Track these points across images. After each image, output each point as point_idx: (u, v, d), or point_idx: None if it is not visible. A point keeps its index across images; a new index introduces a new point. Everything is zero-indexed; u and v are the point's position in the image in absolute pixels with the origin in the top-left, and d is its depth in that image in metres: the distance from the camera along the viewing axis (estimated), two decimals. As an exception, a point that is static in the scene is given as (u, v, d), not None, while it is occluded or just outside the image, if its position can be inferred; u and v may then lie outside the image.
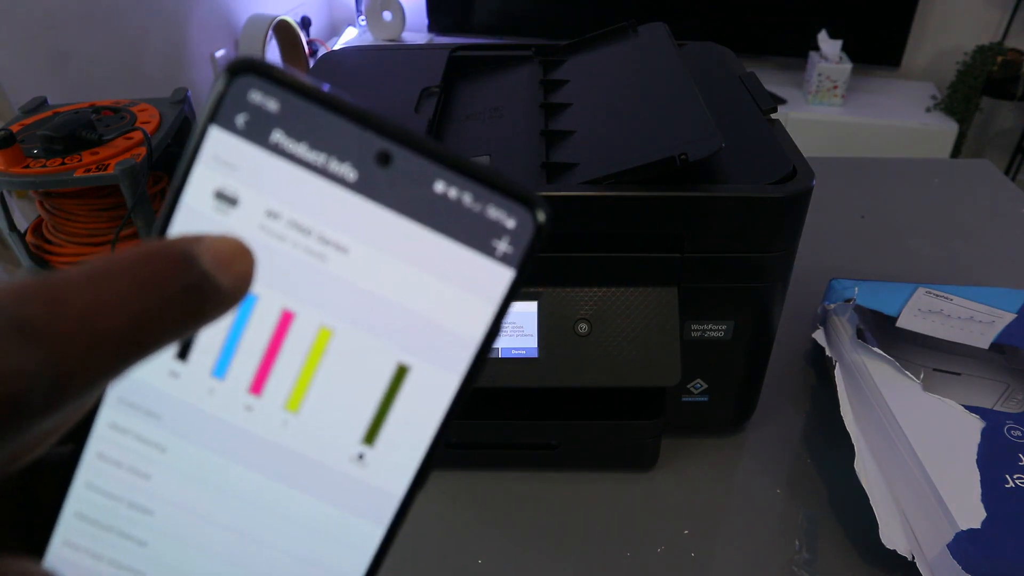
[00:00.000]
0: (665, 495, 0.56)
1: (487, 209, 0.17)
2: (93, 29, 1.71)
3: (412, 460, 0.19)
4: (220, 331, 0.18)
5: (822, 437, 0.60)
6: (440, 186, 0.17)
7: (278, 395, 0.18)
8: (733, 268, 0.49)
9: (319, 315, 0.18)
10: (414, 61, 0.66)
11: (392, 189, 0.17)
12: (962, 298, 0.62)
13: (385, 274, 0.18)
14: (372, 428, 0.19)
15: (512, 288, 0.18)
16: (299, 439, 0.19)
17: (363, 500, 0.19)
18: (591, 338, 0.50)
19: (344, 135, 0.17)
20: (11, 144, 0.70)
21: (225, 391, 0.18)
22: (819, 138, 2.35)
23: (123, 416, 0.18)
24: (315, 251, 0.17)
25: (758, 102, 0.57)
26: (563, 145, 0.53)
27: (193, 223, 0.17)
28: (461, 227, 0.17)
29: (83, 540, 0.19)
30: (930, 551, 0.47)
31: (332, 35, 2.86)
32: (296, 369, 0.18)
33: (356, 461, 0.19)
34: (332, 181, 0.17)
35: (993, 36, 2.41)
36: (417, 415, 0.19)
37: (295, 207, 0.17)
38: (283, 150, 0.17)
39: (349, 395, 0.18)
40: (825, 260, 0.79)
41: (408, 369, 0.18)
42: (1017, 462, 0.50)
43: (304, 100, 0.17)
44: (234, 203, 0.17)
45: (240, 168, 0.17)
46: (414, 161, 0.17)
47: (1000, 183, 0.97)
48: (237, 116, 0.17)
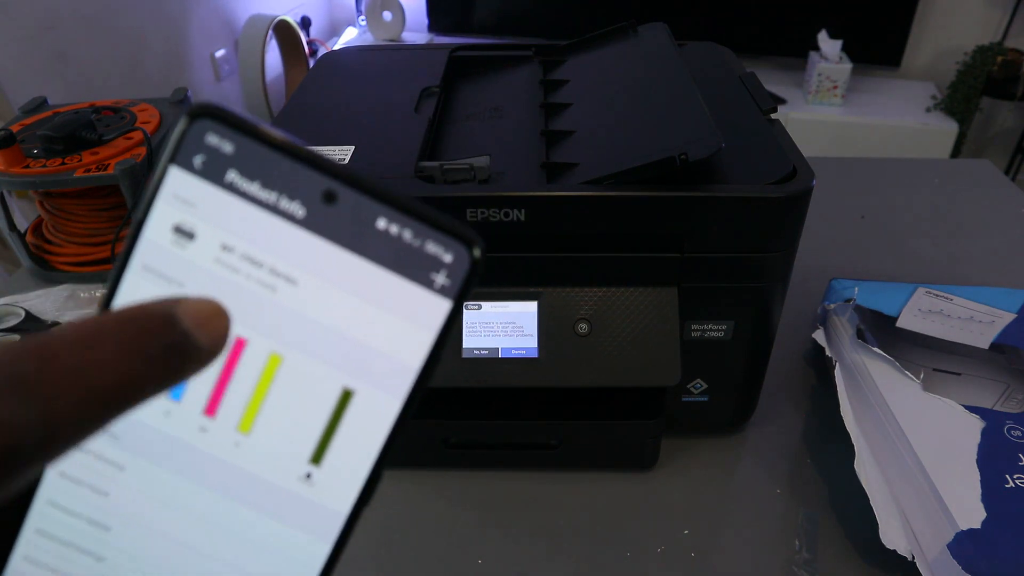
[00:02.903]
0: (665, 495, 0.56)
1: (426, 244, 0.19)
2: (93, 29, 1.71)
3: (357, 479, 0.20)
4: None
5: (822, 437, 0.60)
6: (382, 223, 0.19)
7: (231, 417, 0.19)
8: (733, 268, 0.49)
9: (269, 343, 0.19)
10: (414, 61, 0.66)
11: (337, 225, 0.18)
12: (962, 298, 0.62)
13: (331, 305, 0.19)
14: (319, 449, 0.20)
15: (449, 318, 0.19)
16: (250, 459, 0.20)
17: (310, 518, 0.20)
18: (591, 338, 0.50)
19: (293, 175, 0.18)
20: (11, 144, 0.70)
21: (181, 413, 0.19)
22: (819, 138, 2.35)
23: None
24: (266, 283, 0.19)
25: (758, 102, 0.57)
26: (563, 145, 0.53)
27: (153, 256, 0.19)
28: (401, 261, 0.19)
29: (43, 556, 0.20)
30: (930, 551, 0.47)
31: (332, 35, 2.86)
32: (248, 393, 0.19)
33: (304, 480, 0.20)
34: (282, 218, 0.18)
35: (993, 36, 2.42)
36: (361, 437, 0.20)
37: (248, 242, 0.19)
38: (237, 189, 0.18)
39: (297, 417, 0.19)
40: (825, 260, 0.79)
41: (352, 393, 0.19)
42: (1017, 462, 0.50)
43: (257, 143, 0.18)
44: (191, 237, 0.18)
45: (197, 205, 0.18)
46: (358, 200, 0.18)
47: (1000, 183, 0.97)
48: (195, 157, 0.18)
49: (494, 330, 0.51)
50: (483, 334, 0.51)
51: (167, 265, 0.19)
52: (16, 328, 0.66)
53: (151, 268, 0.19)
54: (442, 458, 0.57)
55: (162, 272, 0.19)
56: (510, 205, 0.46)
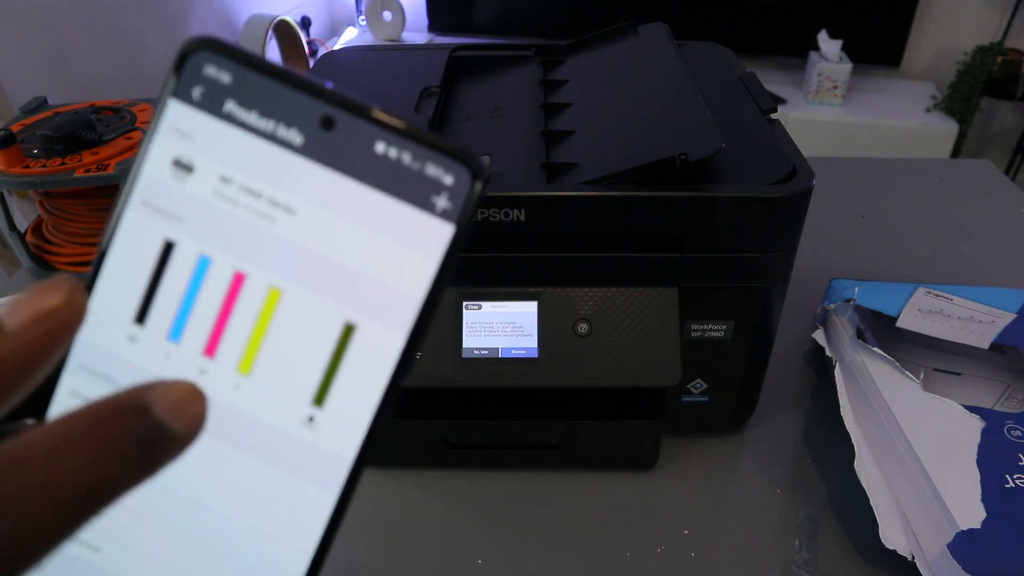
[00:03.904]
0: (665, 495, 0.56)
1: (426, 167, 0.18)
2: (93, 29, 1.71)
3: (361, 422, 0.19)
4: (176, 294, 0.19)
5: (822, 437, 0.60)
6: (380, 147, 0.18)
7: (231, 357, 0.19)
8: (733, 268, 0.49)
9: (269, 276, 0.19)
10: (414, 61, 0.66)
11: (335, 151, 0.18)
12: (962, 298, 0.62)
13: (331, 234, 0.18)
14: (321, 389, 0.19)
15: (453, 243, 0.18)
16: (251, 402, 0.19)
17: (314, 464, 0.19)
18: (591, 338, 0.50)
19: (291, 103, 0.18)
20: (11, 144, 0.69)
21: (180, 354, 0.19)
22: (819, 138, 2.35)
23: (83, 383, 0.19)
24: (265, 214, 0.18)
25: (758, 102, 0.57)
26: (563, 145, 0.53)
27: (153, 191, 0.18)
28: (402, 185, 0.18)
29: None
30: (930, 551, 0.47)
31: (332, 35, 2.86)
32: (248, 330, 0.19)
33: (306, 424, 0.19)
34: (280, 146, 0.18)
35: (993, 36, 2.41)
36: (365, 374, 0.19)
37: (247, 172, 0.18)
38: (235, 119, 0.18)
39: (298, 355, 0.19)
40: (825, 260, 0.79)
41: (355, 327, 0.19)
42: (1017, 462, 0.50)
43: (254, 72, 0.18)
44: (190, 170, 0.18)
45: (196, 137, 0.18)
46: (355, 124, 0.18)
47: (1000, 183, 0.97)
48: (193, 89, 0.18)
49: (494, 330, 0.51)
50: (483, 334, 0.51)
51: (166, 199, 0.18)
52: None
53: (150, 203, 0.19)
54: (442, 458, 0.56)
55: (161, 207, 0.19)
56: (510, 205, 0.46)
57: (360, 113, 0.18)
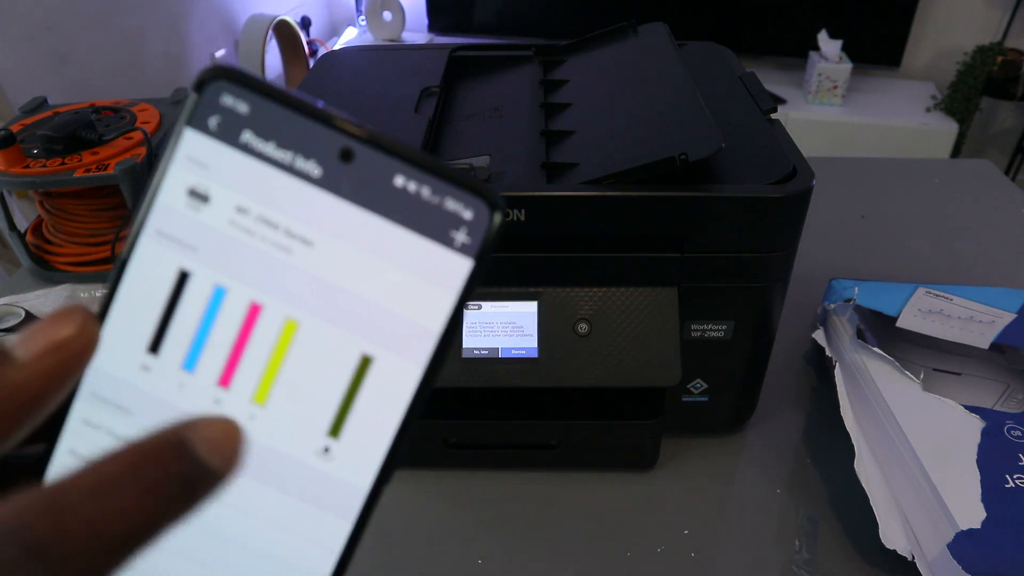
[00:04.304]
0: (665, 495, 0.56)
1: (445, 202, 0.18)
2: (93, 29, 1.71)
3: (377, 453, 0.19)
4: (190, 324, 0.19)
5: (822, 437, 0.60)
6: (400, 180, 0.18)
7: (246, 388, 0.19)
8: (733, 268, 0.49)
9: (285, 307, 0.19)
10: (414, 61, 0.66)
11: (354, 184, 0.18)
12: (962, 298, 0.62)
13: (349, 266, 0.18)
14: (337, 420, 0.19)
15: (471, 278, 0.18)
16: (266, 432, 0.19)
17: (330, 494, 0.19)
18: (591, 338, 0.50)
19: (309, 134, 0.18)
20: (11, 144, 0.69)
21: (195, 384, 0.19)
22: (819, 138, 2.35)
23: (95, 411, 0.19)
24: (282, 245, 0.18)
25: (758, 102, 0.57)
26: (563, 145, 0.53)
27: (167, 220, 0.18)
28: (420, 219, 0.18)
29: None
30: (930, 551, 0.47)
31: (332, 35, 2.86)
32: (263, 361, 0.19)
33: (322, 454, 0.19)
34: (298, 177, 0.18)
35: (993, 36, 2.41)
36: (381, 406, 0.19)
37: (263, 203, 0.18)
38: (252, 149, 0.18)
39: (315, 386, 0.19)
40: (825, 260, 0.79)
41: (372, 360, 0.19)
42: (1017, 462, 0.50)
43: (272, 102, 0.18)
44: (206, 200, 0.18)
45: (212, 167, 0.18)
46: (375, 157, 0.18)
47: (1000, 183, 0.97)
48: (210, 118, 0.18)
49: (494, 330, 0.51)
50: (483, 334, 0.51)
51: (181, 229, 0.18)
52: (16, 328, 0.66)
53: (165, 233, 0.18)
54: (442, 458, 0.56)
55: (176, 236, 0.18)
56: (510, 205, 0.46)
57: (380, 146, 0.18)
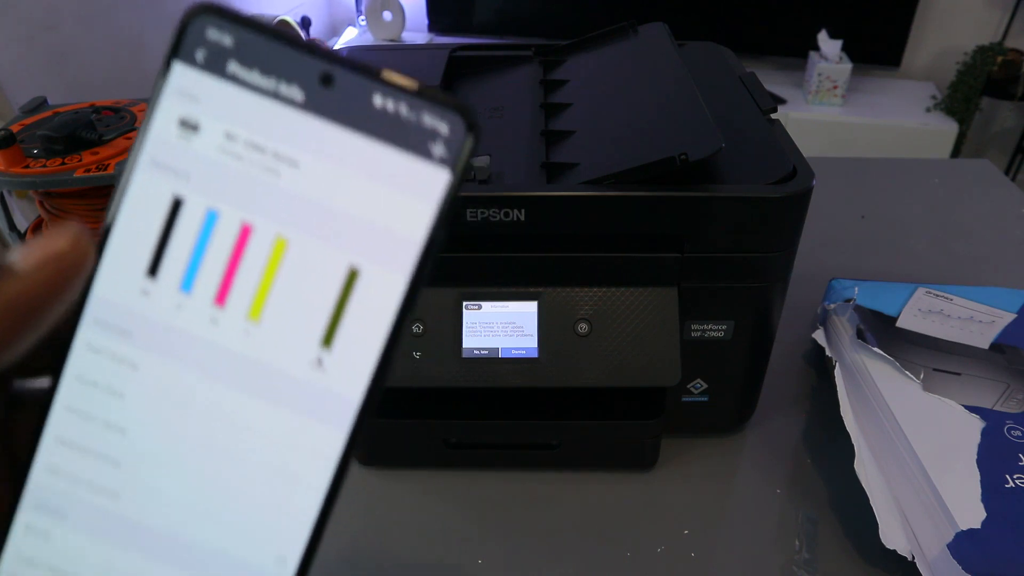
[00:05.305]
0: (665, 495, 0.56)
1: (422, 118, 0.19)
2: (93, 29, 1.71)
3: (368, 362, 0.20)
4: (186, 247, 0.20)
5: (822, 437, 0.60)
6: (378, 100, 0.19)
7: (240, 305, 0.20)
8: (733, 268, 0.49)
9: (275, 226, 0.20)
10: (414, 61, 0.66)
11: (335, 105, 0.19)
12: (962, 298, 0.62)
13: (333, 183, 0.19)
14: (328, 332, 0.20)
15: (449, 189, 0.19)
16: (261, 347, 0.20)
17: (324, 405, 0.20)
18: (591, 338, 0.50)
19: (291, 62, 0.19)
20: (11, 144, 0.69)
21: (192, 305, 0.20)
22: (819, 138, 2.35)
23: (98, 336, 0.20)
24: (269, 167, 0.19)
25: (758, 102, 0.57)
26: (563, 145, 0.53)
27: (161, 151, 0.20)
28: (400, 135, 0.19)
29: (63, 463, 0.20)
30: (930, 551, 0.47)
31: (332, 35, 2.86)
32: (256, 279, 0.20)
33: (315, 366, 0.20)
34: (282, 103, 0.19)
35: (993, 36, 2.41)
36: (370, 316, 0.20)
37: (250, 128, 0.19)
38: (238, 78, 0.19)
39: (306, 300, 0.20)
40: (825, 260, 0.79)
41: (359, 272, 0.20)
42: (1017, 462, 0.50)
43: (254, 34, 0.19)
44: (196, 129, 0.19)
45: (201, 98, 0.19)
46: (354, 80, 0.19)
47: (1000, 183, 0.97)
48: (197, 52, 0.19)
49: (494, 330, 0.51)
50: (483, 334, 0.51)
51: (174, 158, 0.19)
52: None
53: (159, 162, 0.19)
54: (442, 458, 0.56)
55: (169, 165, 0.19)
56: (510, 205, 0.46)
57: (358, 69, 0.19)
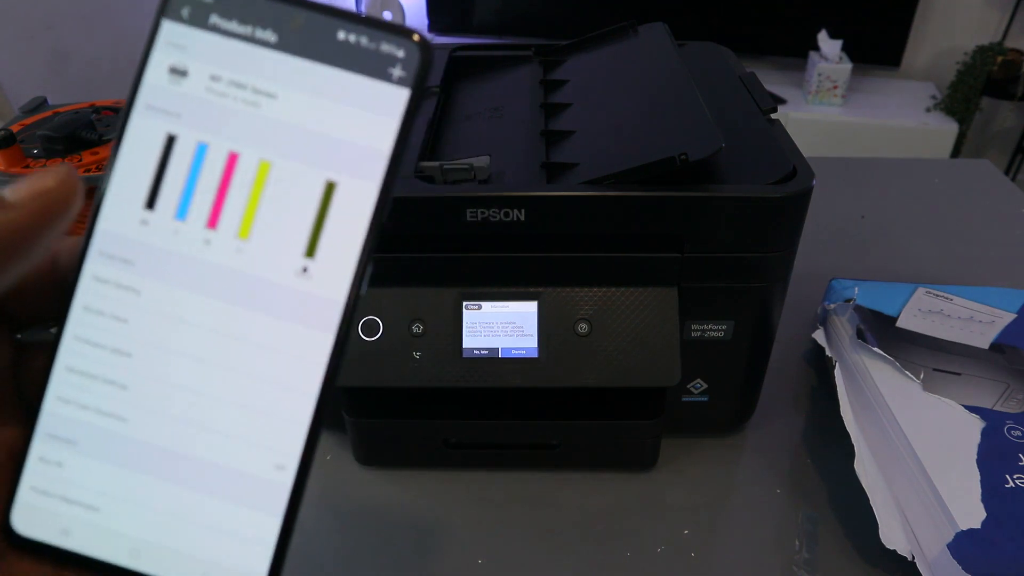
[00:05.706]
0: (665, 495, 0.56)
1: (381, 46, 0.22)
2: (93, 29, 1.71)
3: (348, 266, 0.22)
4: (180, 178, 0.22)
5: (822, 437, 0.60)
6: (341, 35, 0.22)
7: (231, 226, 0.22)
8: (733, 268, 0.49)
9: (258, 152, 0.22)
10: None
11: (304, 43, 0.22)
12: (962, 298, 0.62)
13: (308, 109, 0.22)
14: (311, 242, 0.22)
15: (409, 104, 0.22)
16: (251, 262, 0.22)
17: (313, 310, 0.22)
18: (591, 338, 0.50)
19: (264, 10, 0.22)
20: (11, 144, 0.69)
21: (187, 230, 0.22)
22: (819, 138, 2.35)
23: (102, 267, 0.22)
24: (250, 101, 0.22)
25: (758, 102, 0.56)
26: (563, 145, 0.53)
27: (154, 95, 0.22)
28: (363, 63, 0.22)
29: (73, 392, 0.22)
30: (930, 551, 0.47)
31: (332, 35, 2.86)
32: (243, 200, 0.22)
33: (302, 275, 0.22)
34: (258, 45, 0.22)
35: (993, 36, 2.41)
36: (348, 224, 0.22)
37: (232, 69, 0.22)
38: (219, 28, 0.22)
39: (289, 216, 0.22)
40: (825, 260, 0.79)
41: (336, 185, 0.22)
42: (1017, 462, 0.50)
43: None
44: (185, 74, 0.22)
45: (187, 47, 0.22)
46: (318, 19, 0.22)
47: (1000, 183, 0.97)
48: (182, 9, 0.22)
49: (494, 330, 0.51)
50: (483, 334, 0.51)
51: (166, 100, 0.22)
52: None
53: (153, 106, 0.22)
54: (442, 458, 0.56)
55: (162, 107, 0.22)
56: (510, 205, 0.46)
57: (321, 10, 0.22)
